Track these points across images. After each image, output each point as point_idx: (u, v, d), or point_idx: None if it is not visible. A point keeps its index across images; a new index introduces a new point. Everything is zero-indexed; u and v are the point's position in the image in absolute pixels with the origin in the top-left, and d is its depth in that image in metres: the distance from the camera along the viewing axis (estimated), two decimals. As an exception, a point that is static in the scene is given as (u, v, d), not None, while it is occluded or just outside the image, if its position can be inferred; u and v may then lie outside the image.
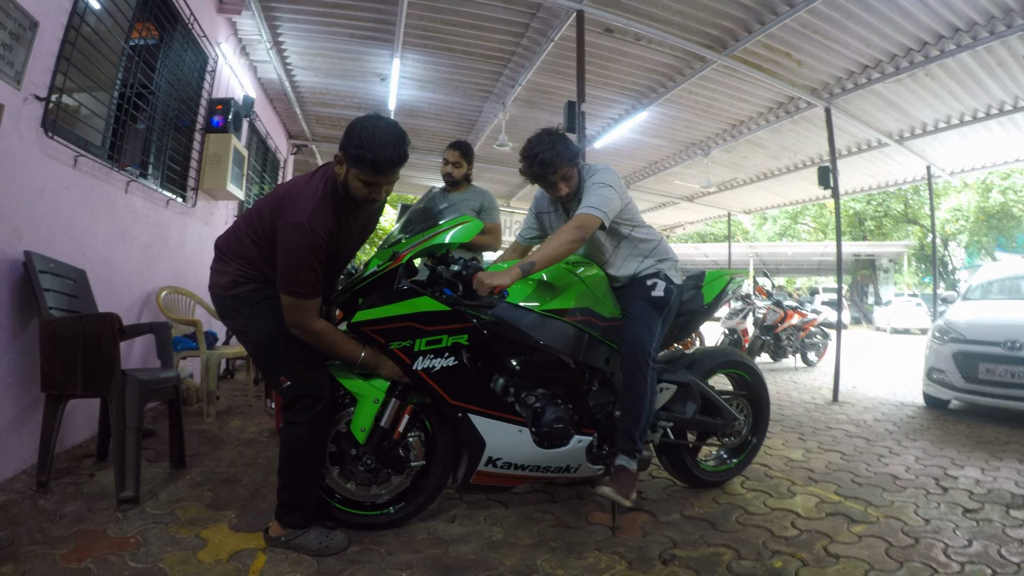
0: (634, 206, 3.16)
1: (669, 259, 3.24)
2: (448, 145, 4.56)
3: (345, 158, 2.43)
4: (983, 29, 5.56)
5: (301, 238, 2.39)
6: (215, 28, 6.04)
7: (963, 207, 26.43)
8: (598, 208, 2.81)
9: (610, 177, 2.94)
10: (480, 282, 2.48)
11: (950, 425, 5.58)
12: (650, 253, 3.21)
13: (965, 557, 2.64)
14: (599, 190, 2.86)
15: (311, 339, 2.52)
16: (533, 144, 2.94)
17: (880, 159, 10.00)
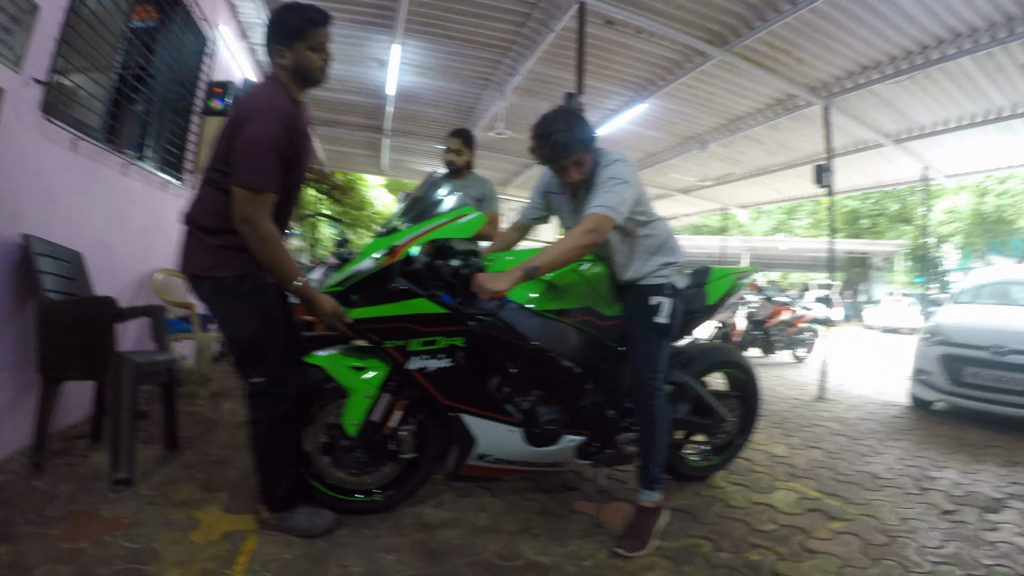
0: (646, 197, 2.90)
1: (676, 260, 2.99)
2: (449, 133, 4.49)
3: (286, 45, 2.33)
4: (985, 34, 5.60)
5: (258, 126, 2.24)
6: (215, 10, 6.03)
7: (958, 209, 26.52)
8: (613, 208, 2.58)
9: (626, 171, 2.70)
10: (481, 287, 2.39)
11: (933, 426, 5.65)
12: (657, 250, 2.95)
13: (938, 558, 2.71)
14: (615, 187, 2.62)
15: (257, 241, 2.30)
16: (548, 122, 2.69)
17: (876, 159, 10.05)
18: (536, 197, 3.13)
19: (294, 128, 2.34)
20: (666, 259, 2.95)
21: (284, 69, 2.37)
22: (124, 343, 4.35)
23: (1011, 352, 5.39)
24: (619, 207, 2.60)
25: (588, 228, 2.54)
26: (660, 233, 2.97)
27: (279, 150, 2.28)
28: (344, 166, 16.55)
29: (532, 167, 12.67)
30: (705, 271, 3.44)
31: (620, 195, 2.62)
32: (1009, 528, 3.12)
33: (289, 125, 2.31)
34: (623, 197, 2.63)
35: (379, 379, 2.67)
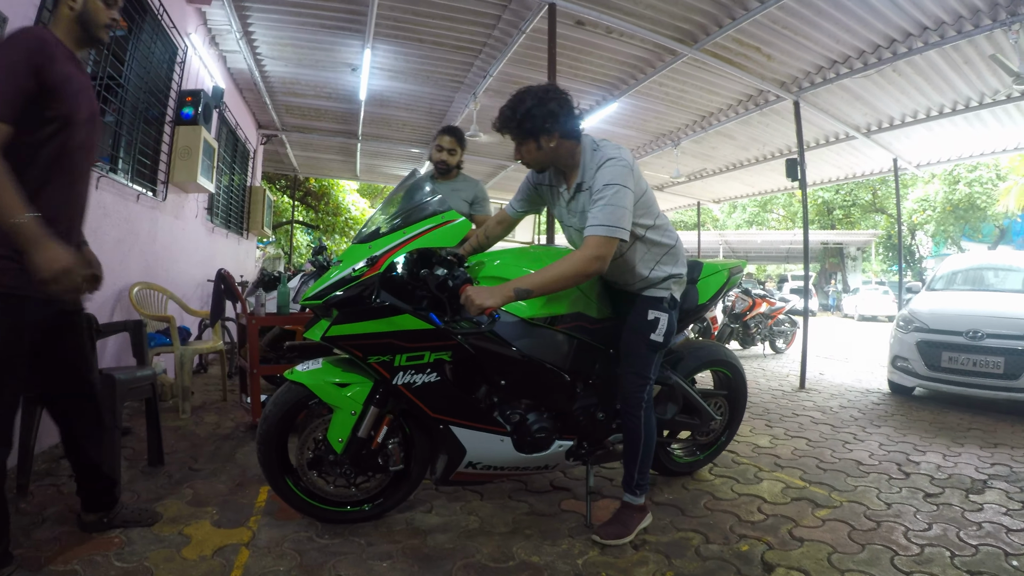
0: (651, 198, 2.72)
1: (680, 272, 2.87)
2: (441, 130, 4.30)
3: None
4: (951, 28, 5.69)
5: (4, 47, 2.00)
6: (184, 18, 5.97)
7: (930, 198, 26.97)
8: (614, 226, 2.42)
9: (622, 173, 2.49)
10: (470, 303, 2.33)
11: (914, 412, 5.77)
12: (662, 258, 2.81)
13: (925, 540, 2.77)
14: (613, 197, 2.44)
15: None
16: (523, 93, 2.59)
17: (848, 151, 10.19)
18: (526, 188, 2.96)
19: (45, 61, 2.01)
20: (671, 270, 2.83)
21: (71, 11, 2.14)
22: (104, 359, 4.30)
23: (987, 336, 5.52)
24: (621, 222, 2.44)
25: (590, 255, 2.42)
26: (666, 240, 2.81)
27: (17, 77, 1.95)
28: (318, 172, 16.45)
29: (507, 168, 12.67)
30: (697, 267, 3.34)
31: (619, 206, 2.44)
32: (993, 508, 3.21)
33: (38, 56, 2.00)
34: (623, 208, 2.45)
35: (364, 394, 2.62)
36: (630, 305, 2.85)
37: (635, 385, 2.77)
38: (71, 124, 2.11)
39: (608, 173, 2.50)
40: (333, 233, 20.36)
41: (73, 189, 2.21)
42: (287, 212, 18.95)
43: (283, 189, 19.08)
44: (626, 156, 2.57)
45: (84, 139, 2.20)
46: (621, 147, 2.63)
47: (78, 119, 2.13)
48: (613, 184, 2.47)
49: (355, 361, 2.61)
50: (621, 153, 2.58)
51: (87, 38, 2.21)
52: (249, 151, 10.30)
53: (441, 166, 4.26)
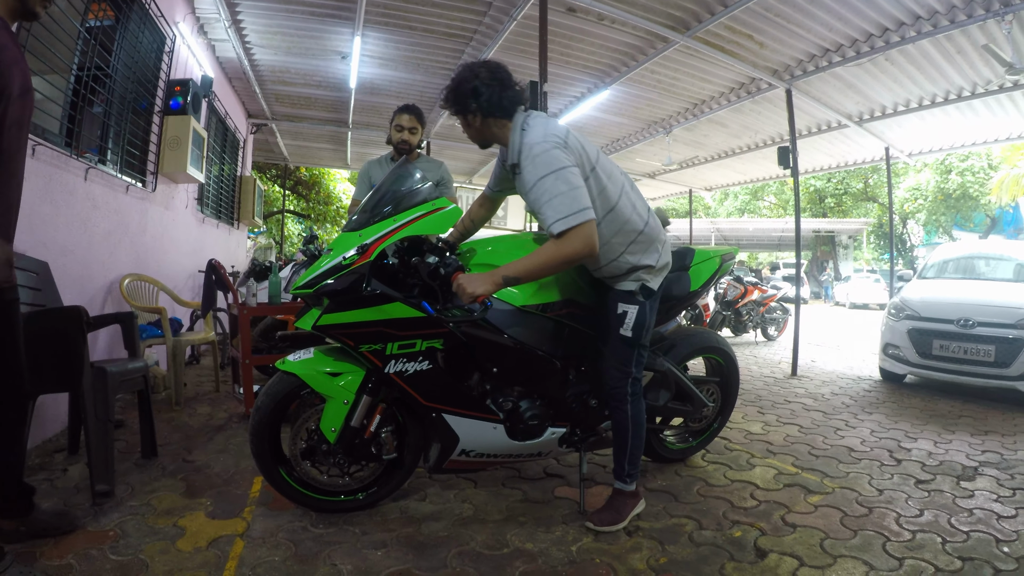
0: (600, 177, 2.52)
1: (646, 262, 2.67)
2: (399, 109, 4.05)
3: None
4: (944, 18, 5.70)
5: None
6: (172, 7, 5.91)
7: (922, 186, 27.04)
8: (570, 215, 2.28)
9: (552, 159, 2.33)
10: (462, 291, 2.30)
11: (905, 399, 5.80)
12: (627, 248, 2.64)
13: (916, 526, 2.79)
14: (554, 188, 2.31)
15: None
16: (459, 70, 2.57)
17: (840, 139, 10.22)
18: (497, 166, 2.90)
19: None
20: (637, 260, 2.66)
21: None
22: (95, 352, 4.29)
23: (978, 324, 5.56)
24: (575, 206, 2.29)
25: (571, 245, 2.30)
26: (629, 227, 2.62)
27: None
28: (309, 161, 16.38)
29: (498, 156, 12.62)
30: (688, 253, 3.28)
31: (562, 193, 2.30)
32: (984, 495, 3.23)
33: None
34: (568, 192, 2.31)
35: (356, 384, 2.62)
36: (606, 297, 2.79)
37: (615, 379, 2.74)
38: (3, 98, 2.00)
39: (534, 166, 2.36)
40: (324, 222, 20.31)
41: (6, 169, 2.09)
42: (278, 202, 18.89)
43: (274, 178, 19.01)
44: (552, 135, 2.40)
45: (18, 116, 2.09)
46: (550, 122, 2.51)
47: (10, 92, 2.02)
48: (546, 176, 2.33)
49: (347, 350, 2.60)
50: (547, 131, 2.42)
51: (22, 9, 2.12)
52: (239, 140, 10.23)
53: (403, 147, 4.05)
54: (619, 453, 2.79)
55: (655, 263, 2.69)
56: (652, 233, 2.68)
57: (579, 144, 2.48)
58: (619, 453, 2.79)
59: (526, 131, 2.48)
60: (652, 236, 2.68)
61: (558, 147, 2.36)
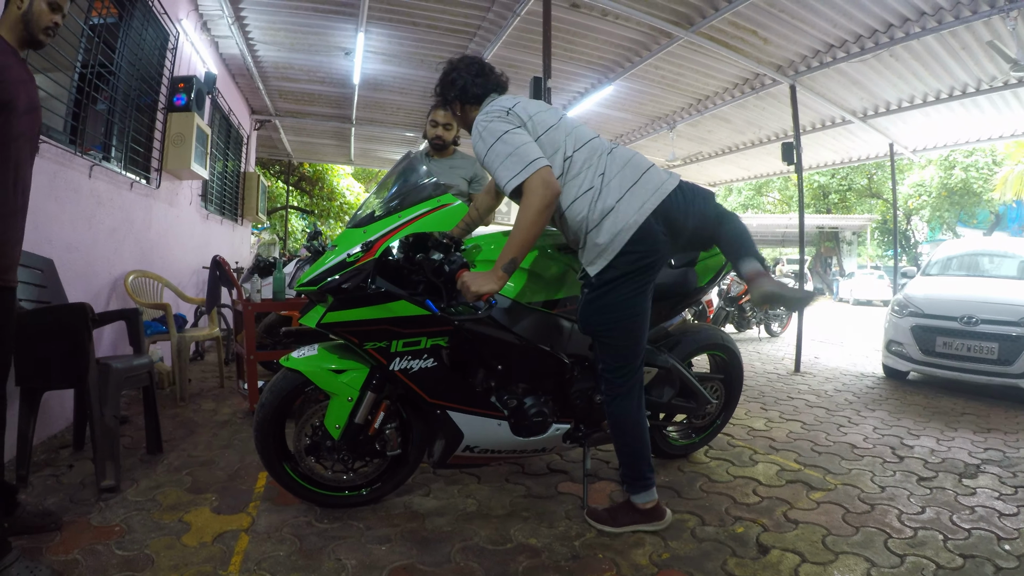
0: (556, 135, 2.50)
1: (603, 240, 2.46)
2: (435, 105, 4.04)
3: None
4: (948, 14, 5.68)
5: None
6: (176, 4, 5.92)
7: (926, 182, 26.96)
8: (518, 173, 2.31)
9: (491, 130, 2.41)
10: (466, 289, 2.30)
11: (908, 396, 5.80)
12: (580, 226, 2.51)
13: (918, 523, 2.79)
14: (498, 152, 2.37)
15: None
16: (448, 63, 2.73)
17: (844, 135, 10.18)
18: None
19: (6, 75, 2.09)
20: (593, 239, 2.50)
21: (18, 10, 2.18)
22: (100, 348, 4.30)
23: (981, 322, 5.56)
24: (524, 159, 2.32)
25: (530, 198, 2.30)
26: (579, 197, 2.50)
27: None
28: (312, 157, 16.39)
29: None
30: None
31: (509, 153, 2.35)
32: (986, 492, 3.23)
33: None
34: (509, 152, 2.35)
35: (360, 380, 2.63)
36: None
37: (603, 381, 2.68)
38: (8, 111, 2.10)
39: (482, 140, 2.44)
40: (328, 218, 20.31)
41: (9, 177, 2.17)
42: (281, 197, 18.89)
43: (277, 174, 19.02)
44: (495, 108, 2.49)
45: (24, 129, 2.21)
46: (502, 99, 2.58)
47: (16, 107, 2.13)
48: (492, 145, 2.39)
49: (351, 347, 2.60)
50: (491, 107, 2.52)
51: (28, 38, 2.24)
52: (242, 137, 10.25)
53: (437, 142, 4.10)
54: (618, 456, 2.76)
55: (609, 240, 2.47)
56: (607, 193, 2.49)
57: (526, 112, 2.50)
58: (618, 456, 2.76)
59: (483, 112, 2.55)
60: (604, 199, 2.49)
61: (499, 118, 2.44)
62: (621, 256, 2.46)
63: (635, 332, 2.58)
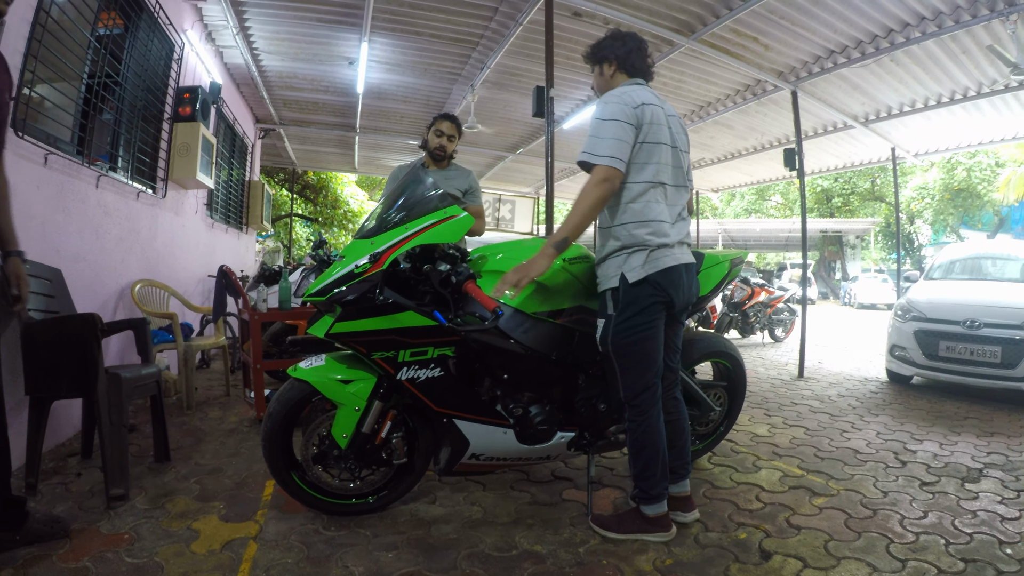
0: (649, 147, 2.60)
1: (625, 243, 2.59)
2: (441, 115, 4.20)
3: None
4: (948, 18, 5.70)
5: None
6: (181, 15, 5.97)
7: (929, 185, 26.93)
8: (597, 155, 2.48)
9: (614, 109, 2.53)
10: (515, 281, 2.41)
11: (911, 400, 5.81)
12: (610, 231, 2.66)
13: (920, 528, 2.81)
14: (599, 126, 2.52)
15: None
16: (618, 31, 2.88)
17: (846, 140, 10.20)
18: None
19: None
20: (615, 242, 2.64)
21: None
22: (107, 357, 4.33)
23: (984, 325, 5.57)
24: (610, 150, 2.47)
25: (591, 184, 2.48)
26: (624, 198, 2.63)
27: None
28: (316, 165, 16.42)
29: (505, 160, 12.65)
30: (698, 257, 3.16)
31: (607, 137, 2.49)
32: (988, 496, 3.25)
33: None
34: (612, 137, 2.48)
35: (367, 390, 2.65)
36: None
37: (618, 401, 2.72)
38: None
39: (600, 107, 2.58)
40: (332, 226, 20.38)
41: None
42: (286, 206, 18.96)
43: (281, 183, 19.09)
44: (630, 96, 2.59)
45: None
46: (642, 90, 2.67)
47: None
48: (602, 119, 2.54)
49: (359, 356, 2.64)
50: (628, 91, 2.62)
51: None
52: (247, 145, 10.31)
53: (439, 152, 4.18)
54: (631, 465, 2.76)
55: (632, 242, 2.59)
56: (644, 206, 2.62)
57: (648, 119, 2.58)
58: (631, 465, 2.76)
59: (615, 90, 2.67)
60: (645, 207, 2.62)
61: (628, 106, 2.54)
62: (646, 285, 2.57)
63: (654, 351, 2.65)
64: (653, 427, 2.64)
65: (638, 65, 2.78)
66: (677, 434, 2.84)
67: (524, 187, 16.20)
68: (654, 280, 2.57)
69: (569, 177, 14.86)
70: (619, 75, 2.78)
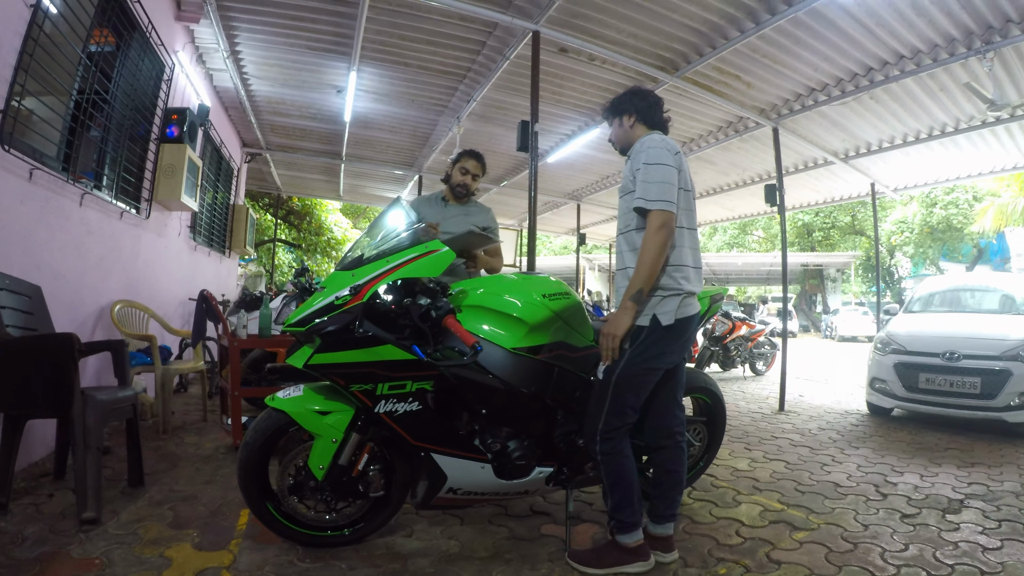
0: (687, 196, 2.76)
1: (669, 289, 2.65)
2: (466, 152, 4.16)
3: None
4: (927, 56, 5.86)
5: None
6: (172, 36, 6.00)
7: (908, 219, 27.40)
8: (659, 200, 2.54)
9: (661, 154, 2.62)
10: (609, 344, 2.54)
11: (892, 432, 5.85)
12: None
13: (901, 560, 2.82)
14: (653, 172, 2.58)
15: None
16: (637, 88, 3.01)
17: (826, 176, 10.38)
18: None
19: None
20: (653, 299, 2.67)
21: None
22: (84, 377, 4.27)
23: (963, 357, 5.64)
24: (667, 195, 2.55)
25: (655, 237, 2.53)
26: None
27: None
28: (301, 191, 16.43)
29: (489, 191, 12.71)
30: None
31: (661, 181, 2.56)
32: (970, 527, 3.27)
33: None
34: (665, 183, 2.57)
35: (345, 422, 2.64)
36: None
37: (587, 431, 2.72)
38: None
39: (647, 154, 2.64)
40: (315, 252, 20.32)
41: None
42: (269, 230, 18.89)
43: (266, 207, 19.04)
44: (669, 144, 2.70)
45: None
46: (669, 140, 2.77)
47: None
48: (653, 164, 2.60)
49: (337, 388, 2.62)
50: (665, 140, 2.73)
51: None
52: (233, 169, 10.30)
53: (461, 190, 4.13)
54: (605, 497, 2.79)
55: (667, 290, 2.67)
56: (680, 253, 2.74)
57: (683, 165, 2.73)
58: (605, 497, 2.79)
59: (651, 136, 2.79)
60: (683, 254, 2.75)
61: (670, 152, 2.65)
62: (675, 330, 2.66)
63: (647, 391, 2.73)
64: (627, 458, 2.68)
65: (656, 118, 2.90)
66: (674, 484, 2.86)
67: (507, 219, 16.28)
68: (681, 326, 2.67)
69: (552, 210, 14.98)
70: (638, 127, 2.88)
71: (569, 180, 12.31)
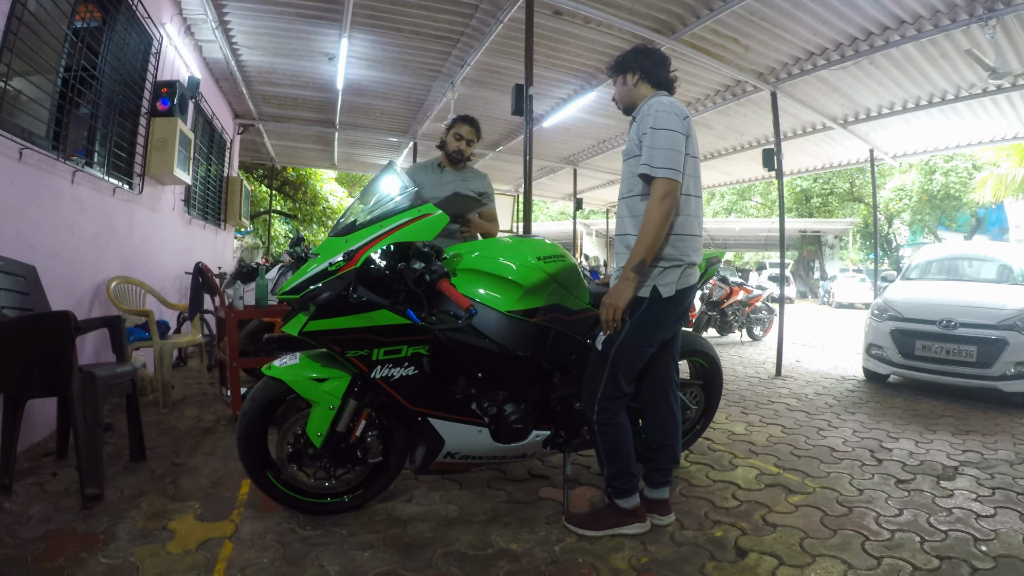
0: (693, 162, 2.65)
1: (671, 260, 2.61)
2: (460, 118, 4.14)
3: None
4: (927, 22, 5.78)
5: None
6: (159, 8, 5.89)
7: (907, 187, 27.27)
8: (664, 168, 2.46)
9: (670, 119, 2.53)
10: (610, 315, 2.49)
11: (887, 399, 5.89)
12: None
13: (896, 525, 2.85)
14: (661, 137, 2.50)
15: None
16: (642, 46, 2.90)
17: (825, 141, 10.32)
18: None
19: None
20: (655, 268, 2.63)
21: None
22: (82, 356, 4.28)
23: (960, 325, 5.66)
24: (673, 163, 2.48)
25: (658, 205, 2.46)
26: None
27: None
28: (296, 161, 16.33)
29: (485, 157, 12.65)
30: None
31: (668, 148, 2.49)
32: (963, 494, 3.30)
33: None
34: (672, 150, 2.49)
35: (342, 389, 2.65)
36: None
37: (585, 400, 2.73)
38: None
39: (655, 118, 2.55)
40: (311, 223, 20.25)
41: None
42: (264, 202, 18.78)
43: (260, 179, 18.92)
44: (679, 108, 2.61)
45: None
46: (677, 103, 2.66)
47: None
48: (661, 129, 2.52)
49: (333, 355, 2.62)
50: (675, 104, 2.63)
51: None
52: (226, 141, 10.20)
53: (456, 155, 4.13)
54: (600, 465, 2.81)
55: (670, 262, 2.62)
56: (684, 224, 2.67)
57: (691, 131, 2.66)
58: (600, 465, 2.81)
59: (658, 98, 2.68)
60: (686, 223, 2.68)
61: (678, 117, 2.56)
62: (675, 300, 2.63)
63: (644, 362, 2.71)
64: (624, 427, 2.70)
65: (662, 77, 2.80)
66: (669, 448, 2.87)
67: (503, 185, 16.21)
68: (681, 296, 2.65)
69: (549, 175, 14.90)
70: (643, 85, 2.79)
71: (565, 145, 12.22)
